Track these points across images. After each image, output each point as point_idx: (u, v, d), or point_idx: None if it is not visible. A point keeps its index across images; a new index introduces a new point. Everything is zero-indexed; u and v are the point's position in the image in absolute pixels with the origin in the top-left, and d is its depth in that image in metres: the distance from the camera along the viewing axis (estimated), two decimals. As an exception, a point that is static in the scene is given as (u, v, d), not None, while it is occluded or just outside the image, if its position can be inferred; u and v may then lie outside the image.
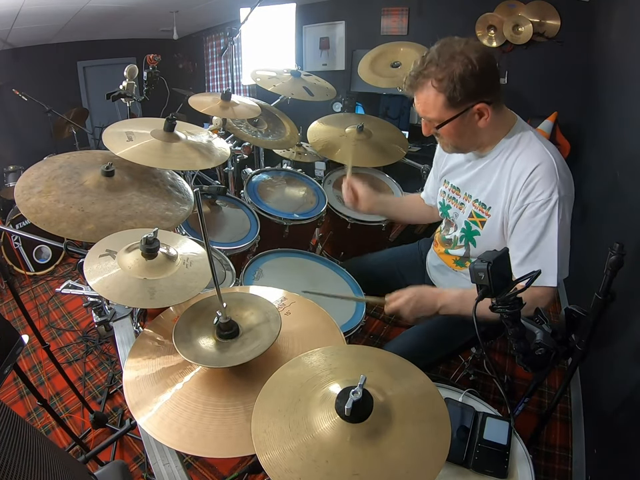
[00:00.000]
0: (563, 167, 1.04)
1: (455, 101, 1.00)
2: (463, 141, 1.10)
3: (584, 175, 2.41)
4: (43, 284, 2.74)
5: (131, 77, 1.87)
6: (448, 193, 1.29)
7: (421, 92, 1.03)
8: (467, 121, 1.04)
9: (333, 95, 2.20)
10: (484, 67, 0.97)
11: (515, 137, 1.09)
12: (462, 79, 0.96)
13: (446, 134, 1.08)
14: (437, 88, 0.99)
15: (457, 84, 0.97)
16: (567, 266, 1.07)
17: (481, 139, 1.11)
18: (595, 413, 1.51)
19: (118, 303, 1.14)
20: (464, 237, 1.24)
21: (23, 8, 2.67)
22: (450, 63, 0.97)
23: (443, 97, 1.00)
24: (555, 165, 1.02)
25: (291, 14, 3.60)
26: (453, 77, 0.97)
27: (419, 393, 0.68)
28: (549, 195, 1.01)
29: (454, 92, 0.98)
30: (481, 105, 1.01)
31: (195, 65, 4.57)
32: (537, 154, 1.04)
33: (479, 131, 1.07)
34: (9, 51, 3.29)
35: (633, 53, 1.73)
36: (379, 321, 2.22)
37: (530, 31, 2.91)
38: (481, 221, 1.17)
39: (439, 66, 0.98)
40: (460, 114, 1.02)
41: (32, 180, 1.15)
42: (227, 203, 1.76)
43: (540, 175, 1.02)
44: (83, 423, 1.72)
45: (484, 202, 1.15)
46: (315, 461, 0.58)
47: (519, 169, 1.05)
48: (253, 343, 0.79)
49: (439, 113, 1.03)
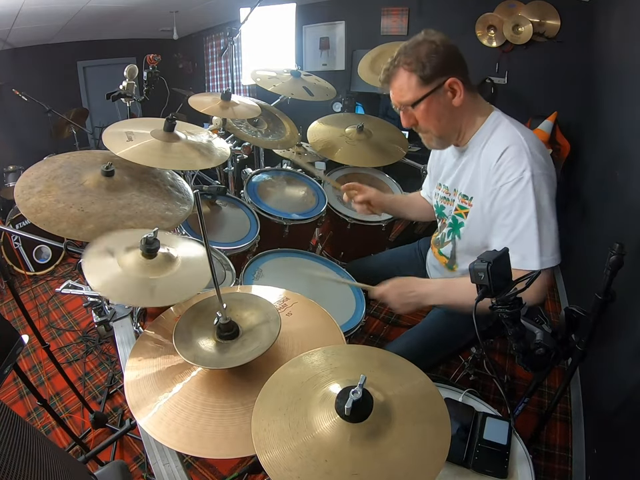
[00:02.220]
0: (537, 147, 1.03)
1: (426, 78, 1.05)
2: (442, 124, 1.11)
3: (584, 175, 2.41)
4: (43, 284, 2.74)
5: (131, 76, 1.87)
6: (441, 194, 1.31)
7: (395, 80, 1.10)
8: (441, 99, 1.07)
9: (333, 94, 2.20)
10: (447, 45, 1.06)
11: (490, 125, 1.10)
12: (428, 57, 1.04)
13: (424, 119, 1.10)
14: (408, 70, 1.06)
15: (425, 62, 1.04)
16: (553, 249, 1.02)
17: (459, 123, 1.12)
18: (595, 412, 1.51)
19: (118, 302, 1.14)
20: (451, 231, 1.25)
21: (23, 8, 2.67)
22: (416, 47, 1.06)
23: (415, 77, 1.06)
24: (526, 145, 1.02)
25: (291, 14, 3.61)
26: (420, 57, 1.04)
27: (419, 393, 0.68)
28: (520, 174, 1.00)
29: (424, 70, 1.04)
30: (451, 80, 1.05)
31: (195, 65, 4.57)
32: (506, 137, 1.05)
33: (455, 111, 1.09)
34: (9, 50, 3.29)
35: (633, 53, 1.73)
36: (379, 321, 2.22)
37: (530, 31, 2.90)
38: (465, 212, 1.18)
39: (406, 53, 1.07)
40: (433, 90, 1.06)
41: (32, 180, 1.15)
42: (226, 203, 1.76)
43: (510, 156, 1.02)
44: (83, 422, 1.72)
45: (465, 193, 1.17)
46: (314, 460, 0.58)
47: (490, 153, 1.07)
48: (253, 344, 0.79)
49: (413, 93, 1.07)
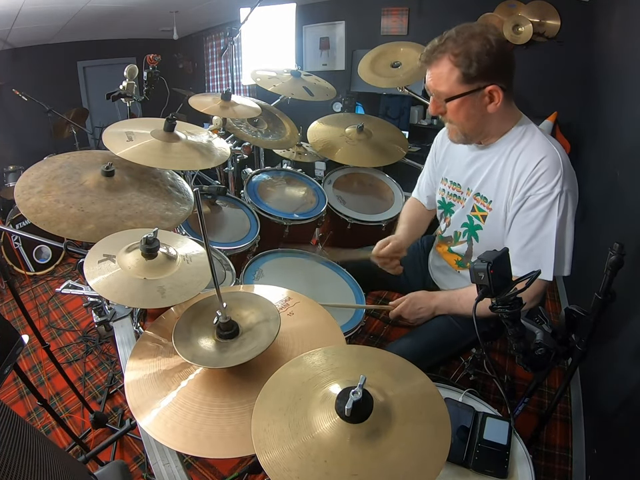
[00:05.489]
0: (568, 162, 1.04)
1: (469, 77, 0.99)
2: (470, 125, 1.08)
3: (584, 175, 2.40)
4: (42, 284, 2.74)
5: (131, 76, 1.87)
6: (448, 190, 1.28)
7: (436, 66, 1.03)
8: (477, 102, 1.03)
9: (333, 94, 2.20)
10: (501, 48, 0.99)
11: (519, 131, 1.08)
12: (478, 56, 0.97)
13: (453, 113, 1.06)
14: (453, 62, 0.99)
15: (474, 60, 0.97)
16: (567, 262, 1.06)
17: (488, 127, 1.09)
18: (595, 412, 1.50)
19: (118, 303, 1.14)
20: (467, 232, 1.23)
21: (23, 8, 2.67)
22: (468, 40, 0.98)
23: (458, 72, 0.99)
24: (560, 159, 1.02)
25: (291, 14, 3.61)
26: (469, 53, 0.97)
27: (419, 394, 0.68)
28: (551, 189, 1.00)
29: (469, 68, 0.98)
30: (493, 87, 1.00)
31: (195, 65, 4.57)
32: (542, 147, 1.04)
33: (487, 116, 1.05)
34: (9, 50, 3.30)
35: (633, 52, 1.73)
36: (379, 321, 2.22)
37: (530, 31, 2.91)
38: (482, 215, 1.16)
39: (456, 42, 0.99)
40: (471, 91, 1.01)
41: (32, 180, 1.15)
42: (227, 203, 1.76)
43: (545, 167, 1.01)
44: (83, 422, 1.71)
45: (485, 195, 1.15)
46: (313, 460, 0.57)
47: (524, 162, 1.05)
48: (251, 344, 0.79)
49: (450, 87, 1.02)
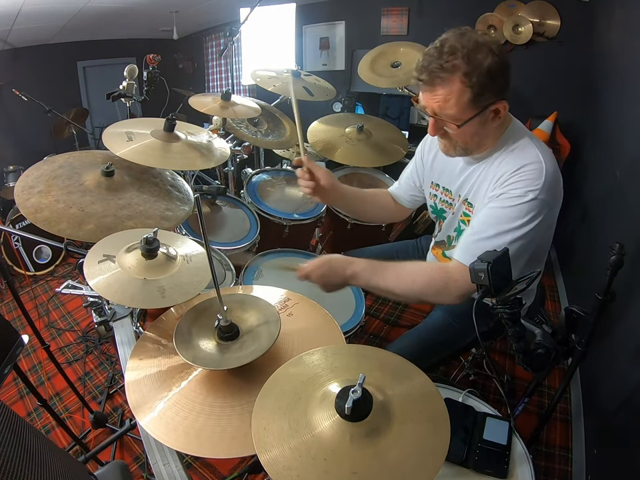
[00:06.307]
0: (554, 174, 0.96)
1: (480, 98, 0.90)
2: (473, 141, 1.01)
3: (584, 175, 2.41)
4: (42, 284, 2.74)
5: (131, 76, 1.87)
6: (440, 196, 1.25)
7: (442, 86, 0.91)
8: (483, 120, 0.95)
9: (333, 94, 2.20)
10: (506, 59, 0.91)
11: (510, 138, 1.02)
12: (491, 75, 0.88)
13: (458, 134, 0.98)
14: (463, 83, 0.89)
15: (487, 81, 0.88)
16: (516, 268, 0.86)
17: (486, 140, 1.03)
18: (595, 412, 1.50)
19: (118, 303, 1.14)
20: (457, 236, 1.22)
21: (23, 8, 2.67)
22: (475, 55, 0.87)
23: (469, 94, 0.90)
24: (545, 169, 0.95)
25: (291, 14, 3.60)
26: (481, 71, 0.87)
27: (419, 393, 0.68)
28: (525, 192, 0.93)
29: (483, 88, 0.89)
30: (501, 104, 0.93)
31: (194, 65, 4.57)
32: (529, 155, 0.98)
33: (489, 130, 0.99)
34: (9, 50, 3.29)
35: (633, 53, 1.73)
36: (379, 321, 2.22)
37: (530, 31, 2.90)
38: (468, 220, 1.14)
39: (464, 58, 0.87)
40: (480, 112, 0.93)
41: (32, 180, 1.15)
42: (226, 203, 1.76)
43: (526, 173, 0.95)
44: (83, 422, 1.71)
45: (471, 201, 1.12)
46: (313, 459, 0.58)
47: (507, 167, 0.99)
48: (252, 346, 0.79)
49: (460, 112, 0.92)
